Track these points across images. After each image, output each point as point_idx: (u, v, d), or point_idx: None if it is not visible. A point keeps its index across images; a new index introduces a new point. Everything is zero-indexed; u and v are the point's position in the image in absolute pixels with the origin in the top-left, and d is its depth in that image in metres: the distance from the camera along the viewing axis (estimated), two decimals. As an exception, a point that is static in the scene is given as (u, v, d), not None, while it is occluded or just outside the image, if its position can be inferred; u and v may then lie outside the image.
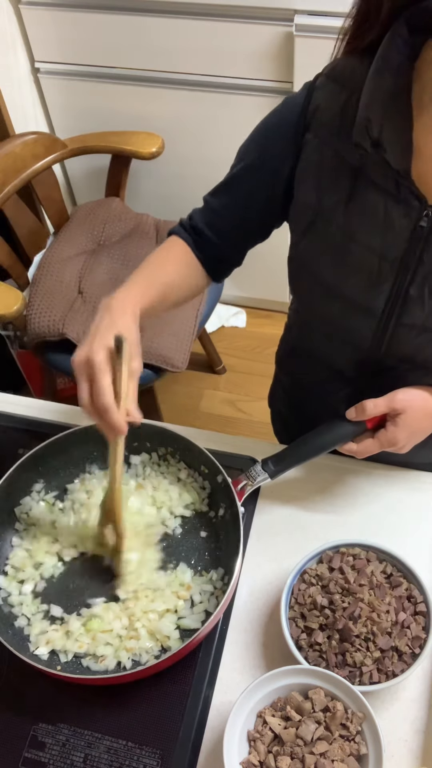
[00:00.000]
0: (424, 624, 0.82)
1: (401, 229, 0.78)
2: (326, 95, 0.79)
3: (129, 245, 1.92)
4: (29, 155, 1.76)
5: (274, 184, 0.87)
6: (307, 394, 1.07)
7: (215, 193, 0.95)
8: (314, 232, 0.85)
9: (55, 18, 1.88)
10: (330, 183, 0.81)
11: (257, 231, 0.95)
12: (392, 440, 0.86)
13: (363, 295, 0.84)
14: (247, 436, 1.07)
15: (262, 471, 0.92)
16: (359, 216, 0.80)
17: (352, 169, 0.79)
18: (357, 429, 0.88)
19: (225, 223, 0.94)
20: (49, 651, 0.85)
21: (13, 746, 0.81)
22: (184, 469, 0.99)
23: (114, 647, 0.84)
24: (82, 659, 0.84)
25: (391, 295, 0.82)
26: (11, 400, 1.15)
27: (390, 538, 0.91)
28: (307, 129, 0.81)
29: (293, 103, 0.83)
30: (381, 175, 0.77)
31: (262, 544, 0.96)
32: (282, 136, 0.84)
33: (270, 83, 1.84)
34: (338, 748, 0.72)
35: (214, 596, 0.88)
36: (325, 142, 0.80)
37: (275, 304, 2.45)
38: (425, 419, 0.86)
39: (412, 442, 0.88)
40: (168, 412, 2.10)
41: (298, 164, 0.83)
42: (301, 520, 0.98)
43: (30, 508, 0.96)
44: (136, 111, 2.02)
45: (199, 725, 0.81)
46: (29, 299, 1.77)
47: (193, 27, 1.79)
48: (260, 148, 0.88)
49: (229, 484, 0.90)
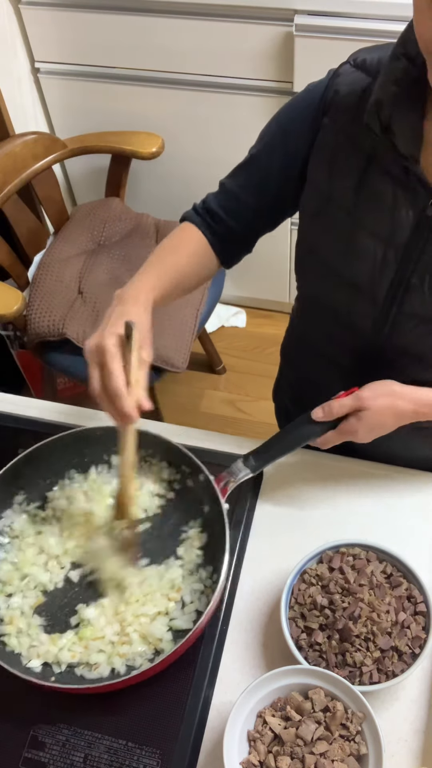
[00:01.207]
0: (424, 624, 0.82)
1: (407, 217, 0.79)
2: (349, 81, 0.81)
3: (129, 245, 1.92)
4: (29, 155, 1.76)
5: (291, 164, 0.88)
6: (311, 387, 1.07)
7: (233, 175, 0.97)
8: (323, 215, 0.86)
9: (55, 18, 1.87)
10: (342, 167, 0.82)
11: (271, 214, 0.96)
12: (351, 432, 0.88)
13: (367, 280, 0.85)
14: (247, 436, 1.07)
15: (243, 467, 0.93)
16: (368, 201, 0.81)
17: (364, 155, 0.80)
18: (328, 424, 0.90)
19: (240, 203, 0.95)
20: (42, 663, 0.84)
21: (13, 746, 0.81)
22: (166, 469, 0.99)
23: (107, 654, 0.84)
24: (76, 668, 0.84)
25: (394, 282, 0.83)
26: (11, 400, 1.15)
27: (390, 538, 0.91)
28: (325, 113, 0.83)
29: (316, 87, 0.85)
30: (391, 161, 0.78)
31: (262, 544, 0.96)
32: (302, 118, 0.86)
33: (270, 83, 1.84)
34: (338, 748, 0.72)
35: (204, 595, 0.88)
36: (341, 127, 0.81)
37: (275, 304, 2.45)
38: (388, 416, 0.88)
39: (372, 436, 0.89)
40: (168, 412, 2.10)
41: (313, 147, 0.85)
42: (301, 520, 0.98)
43: (12, 521, 0.96)
44: (136, 111, 2.02)
45: (199, 725, 0.81)
46: (29, 299, 1.77)
47: (193, 27, 1.79)
48: (281, 129, 0.89)
49: (211, 482, 0.90)
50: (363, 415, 0.86)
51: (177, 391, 2.33)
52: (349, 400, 0.87)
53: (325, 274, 0.90)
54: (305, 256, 0.95)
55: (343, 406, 0.87)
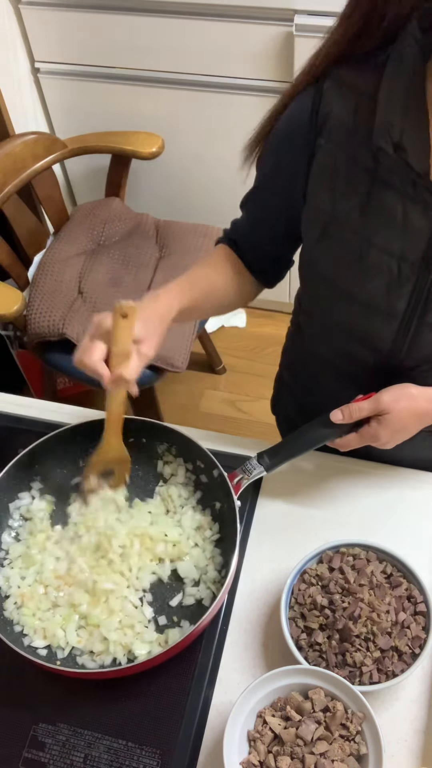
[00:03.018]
0: (424, 624, 0.82)
1: (421, 229, 0.78)
2: (336, 99, 0.79)
3: (129, 245, 1.92)
4: (29, 155, 1.76)
5: (293, 189, 0.87)
6: (321, 396, 1.06)
7: (243, 204, 0.98)
8: (329, 237, 0.85)
9: (55, 18, 1.88)
10: (344, 187, 0.81)
11: (288, 238, 0.95)
12: (374, 436, 0.87)
13: (384, 298, 0.84)
14: (247, 435, 1.07)
15: (257, 464, 0.92)
16: (377, 219, 0.80)
17: (366, 173, 0.79)
18: (345, 426, 0.89)
19: (255, 236, 0.96)
20: (46, 646, 0.85)
21: (13, 746, 0.81)
22: (181, 465, 0.99)
23: (111, 642, 0.84)
24: (78, 657, 0.84)
25: (413, 295, 0.83)
26: (11, 400, 1.15)
27: (390, 538, 0.91)
28: (318, 133, 0.81)
29: (301, 107, 0.83)
30: (398, 177, 0.77)
31: (262, 544, 0.96)
32: (294, 140, 0.84)
33: (270, 83, 1.84)
34: (338, 748, 0.72)
35: (211, 591, 0.88)
36: (339, 147, 0.80)
37: (275, 304, 2.45)
38: (410, 419, 0.87)
39: (396, 440, 0.89)
40: (168, 412, 2.10)
41: (311, 169, 0.83)
42: (302, 520, 0.98)
43: (29, 504, 0.97)
44: (136, 111, 2.02)
45: (199, 725, 0.81)
46: (29, 299, 1.77)
47: (193, 27, 1.79)
48: (275, 156, 0.89)
49: (225, 478, 0.90)
50: (384, 419, 0.85)
51: (177, 391, 2.33)
52: (369, 404, 0.86)
53: (337, 295, 0.89)
54: (313, 278, 0.94)
55: (362, 410, 0.86)
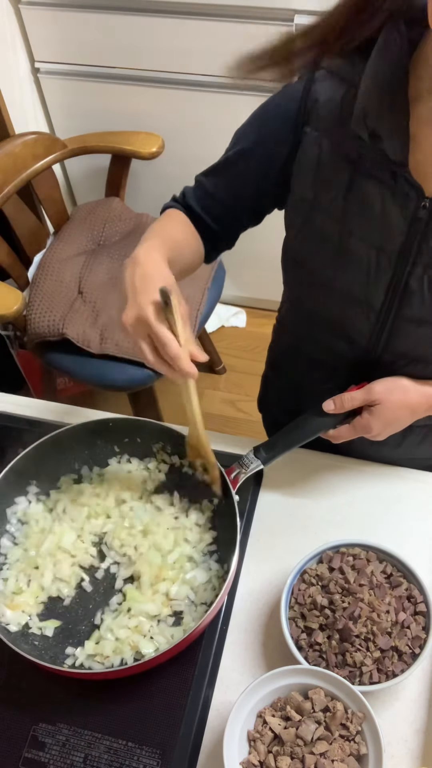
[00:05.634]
0: (424, 624, 0.82)
1: (399, 221, 0.78)
2: (326, 88, 0.80)
3: (129, 245, 1.91)
4: (29, 155, 1.76)
5: (267, 170, 0.87)
6: (304, 394, 1.07)
7: (208, 174, 0.96)
8: (310, 226, 0.85)
9: (55, 18, 1.87)
10: (328, 177, 0.81)
11: (249, 216, 0.95)
12: (366, 428, 0.88)
13: (362, 288, 0.84)
14: (246, 435, 1.07)
15: (254, 458, 0.93)
16: (357, 209, 0.80)
17: (349, 162, 0.79)
18: (339, 416, 0.90)
19: (217, 206, 0.94)
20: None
21: (13, 746, 0.81)
22: (178, 462, 0.99)
23: (117, 645, 0.84)
24: (84, 660, 0.84)
25: (390, 288, 0.83)
26: (11, 400, 1.15)
27: (390, 538, 0.91)
28: (306, 122, 0.82)
29: (292, 92, 0.83)
30: (377, 167, 0.77)
31: (262, 545, 0.96)
32: (280, 124, 0.84)
33: (270, 83, 1.83)
34: (338, 748, 0.72)
35: (212, 588, 0.88)
36: (324, 135, 0.80)
37: (275, 304, 2.41)
38: (402, 410, 0.87)
39: (388, 432, 0.89)
40: (168, 412, 2.10)
41: (296, 157, 0.84)
42: (301, 520, 0.98)
43: (26, 508, 0.97)
44: (136, 111, 2.02)
45: (199, 725, 0.81)
46: (29, 299, 1.77)
47: (193, 27, 1.79)
48: (257, 135, 0.88)
49: (222, 473, 0.90)
50: (376, 410, 0.86)
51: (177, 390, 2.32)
52: (361, 394, 0.87)
53: (316, 284, 0.89)
54: (294, 266, 0.94)
55: (354, 399, 0.87)
